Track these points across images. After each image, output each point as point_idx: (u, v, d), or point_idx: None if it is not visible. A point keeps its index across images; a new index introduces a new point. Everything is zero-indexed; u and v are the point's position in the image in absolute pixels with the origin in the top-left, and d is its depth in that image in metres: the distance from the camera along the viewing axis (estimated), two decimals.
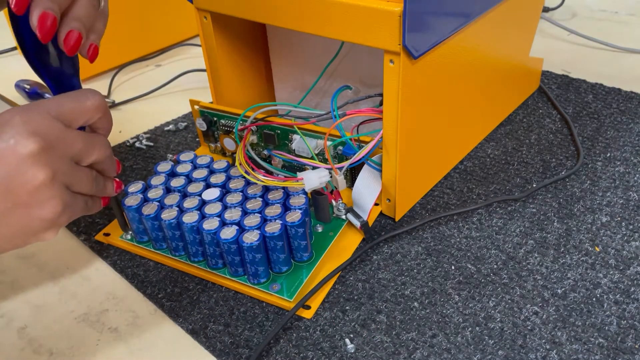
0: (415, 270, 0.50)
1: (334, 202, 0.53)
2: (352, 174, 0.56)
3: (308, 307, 0.46)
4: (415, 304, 0.47)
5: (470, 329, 0.44)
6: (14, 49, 0.98)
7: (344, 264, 0.49)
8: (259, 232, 0.46)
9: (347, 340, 0.44)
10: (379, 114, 0.51)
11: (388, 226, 0.55)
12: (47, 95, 0.79)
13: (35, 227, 0.35)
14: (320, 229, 0.52)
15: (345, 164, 0.51)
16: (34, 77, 0.82)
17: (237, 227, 0.47)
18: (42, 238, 0.36)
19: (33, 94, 0.80)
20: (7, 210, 0.34)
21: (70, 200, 0.36)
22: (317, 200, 0.52)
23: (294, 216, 0.47)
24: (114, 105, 0.80)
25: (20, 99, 0.81)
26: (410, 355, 0.42)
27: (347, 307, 0.47)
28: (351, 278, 0.49)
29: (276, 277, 0.48)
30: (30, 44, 0.40)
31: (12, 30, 0.41)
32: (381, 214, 0.56)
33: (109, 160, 0.40)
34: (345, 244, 0.52)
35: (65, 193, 0.36)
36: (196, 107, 0.62)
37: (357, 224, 0.51)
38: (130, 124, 0.75)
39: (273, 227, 0.46)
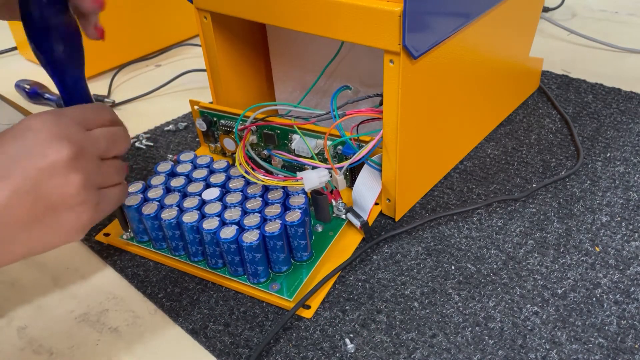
0: (415, 270, 0.50)
1: (333, 202, 0.53)
2: (352, 174, 0.56)
3: (308, 307, 0.46)
4: (415, 303, 0.47)
5: (470, 328, 0.44)
6: (14, 49, 0.98)
7: (343, 264, 0.49)
8: (258, 231, 0.46)
9: (347, 340, 0.44)
10: (379, 114, 0.51)
11: (388, 226, 0.55)
12: (47, 95, 0.79)
13: (65, 231, 0.35)
14: (320, 229, 0.52)
15: (345, 163, 0.51)
16: (34, 77, 0.82)
17: (236, 227, 0.47)
18: (72, 240, 0.36)
19: (33, 94, 0.80)
20: (36, 217, 0.34)
21: (100, 200, 0.37)
22: (317, 200, 0.52)
23: (293, 216, 0.47)
24: (114, 105, 0.80)
25: (20, 99, 0.81)
26: (410, 355, 0.42)
27: (347, 307, 0.47)
28: (351, 278, 0.49)
29: (276, 276, 0.48)
30: (38, 38, 0.41)
31: (23, 25, 0.41)
32: (381, 214, 0.56)
33: (126, 149, 0.41)
34: (345, 244, 0.52)
35: (96, 195, 0.36)
36: (196, 107, 0.62)
37: (357, 223, 0.51)
38: (130, 124, 0.74)
39: (273, 227, 0.46)
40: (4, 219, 0.33)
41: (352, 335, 0.44)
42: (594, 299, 0.46)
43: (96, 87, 0.85)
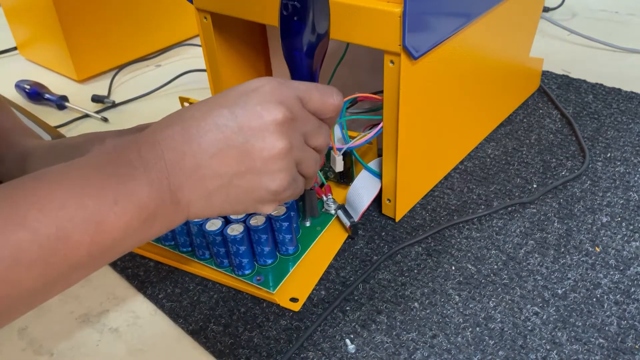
0: (415, 271, 0.50)
1: (324, 197, 0.53)
2: (349, 174, 0.56)
3: (295, 300, 0.47)
4: (416, 304, 0.47)
5: (470, 329, 0.44)
6: (14, 49, 0.97)
7: (345, 264, 0.49)
8: (243, 224, 0.47)
9: (348, 341, 0.44)
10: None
11: (388, 226, 0.55)
12: (47, 95, 0.79)
13: (258, 196, 0.35)
14: (308, 223, 0.53)
15: (345, 146, 0.52)
16: (34, 77, 0.82)
17: (222, 220, 0.48)
18: (261, 209, 0.36)
19: (33, 94, 0.80)
20: (239, 173, 0.34)
21: (295, 177, 0.37)
22: (306, 194, 0.52)
23: (279, 210, 0.48)
24: (114, 105, 0.80)
25: (20, 99, 0.81)
26: (410, 356, 0.42)
27: (347, 308, 0.47)
28: (351, 278, 0.49)
29: (261, 269, 0.49)
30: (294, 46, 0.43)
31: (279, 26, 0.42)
32: (381, 214, 0.56)
33: (325, 150, 0.40)
34: (332, 239, 0.52)
35: (293, 169, 0.36)
36: (185, 104, 0.62)
37: (347, 223, 0.52)
38: (130, 124, 0.75)
39: (258, 221, 0.47)
40: (214, 168, 0.33)
41: (352, 336, 0.44)
42: (594, 299, 0.46)
43: (96, 88, 0.85)
